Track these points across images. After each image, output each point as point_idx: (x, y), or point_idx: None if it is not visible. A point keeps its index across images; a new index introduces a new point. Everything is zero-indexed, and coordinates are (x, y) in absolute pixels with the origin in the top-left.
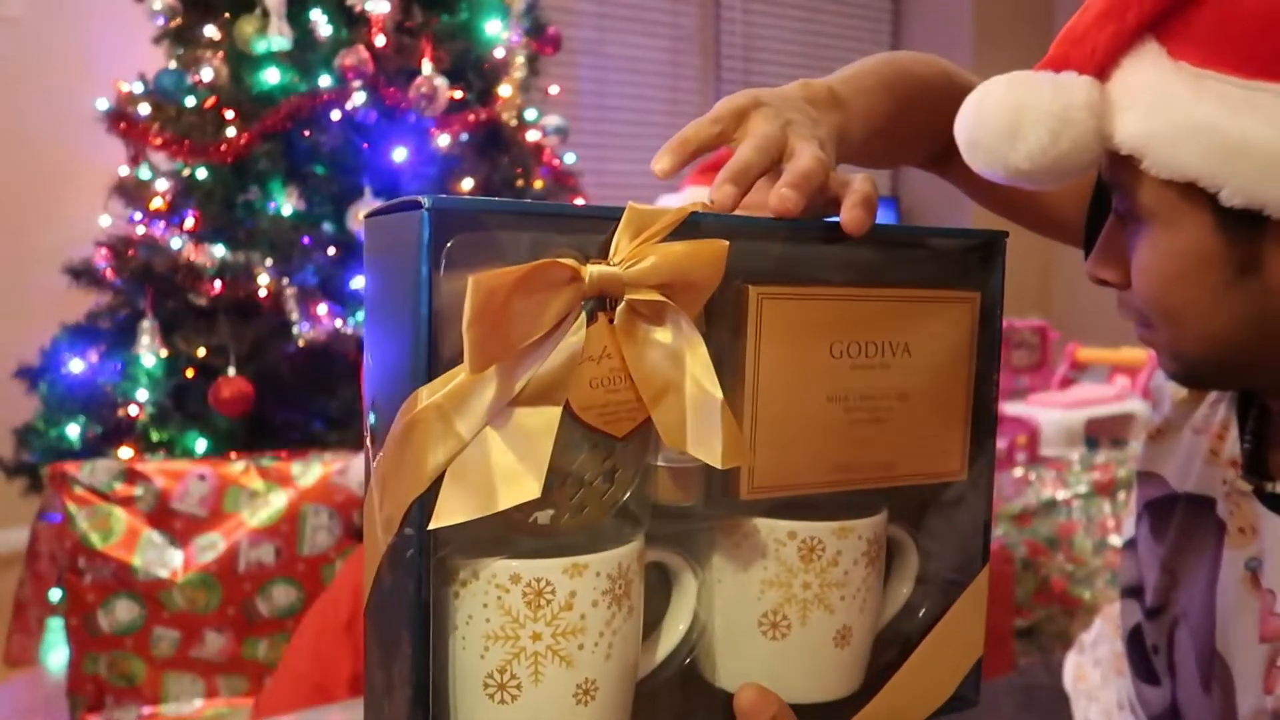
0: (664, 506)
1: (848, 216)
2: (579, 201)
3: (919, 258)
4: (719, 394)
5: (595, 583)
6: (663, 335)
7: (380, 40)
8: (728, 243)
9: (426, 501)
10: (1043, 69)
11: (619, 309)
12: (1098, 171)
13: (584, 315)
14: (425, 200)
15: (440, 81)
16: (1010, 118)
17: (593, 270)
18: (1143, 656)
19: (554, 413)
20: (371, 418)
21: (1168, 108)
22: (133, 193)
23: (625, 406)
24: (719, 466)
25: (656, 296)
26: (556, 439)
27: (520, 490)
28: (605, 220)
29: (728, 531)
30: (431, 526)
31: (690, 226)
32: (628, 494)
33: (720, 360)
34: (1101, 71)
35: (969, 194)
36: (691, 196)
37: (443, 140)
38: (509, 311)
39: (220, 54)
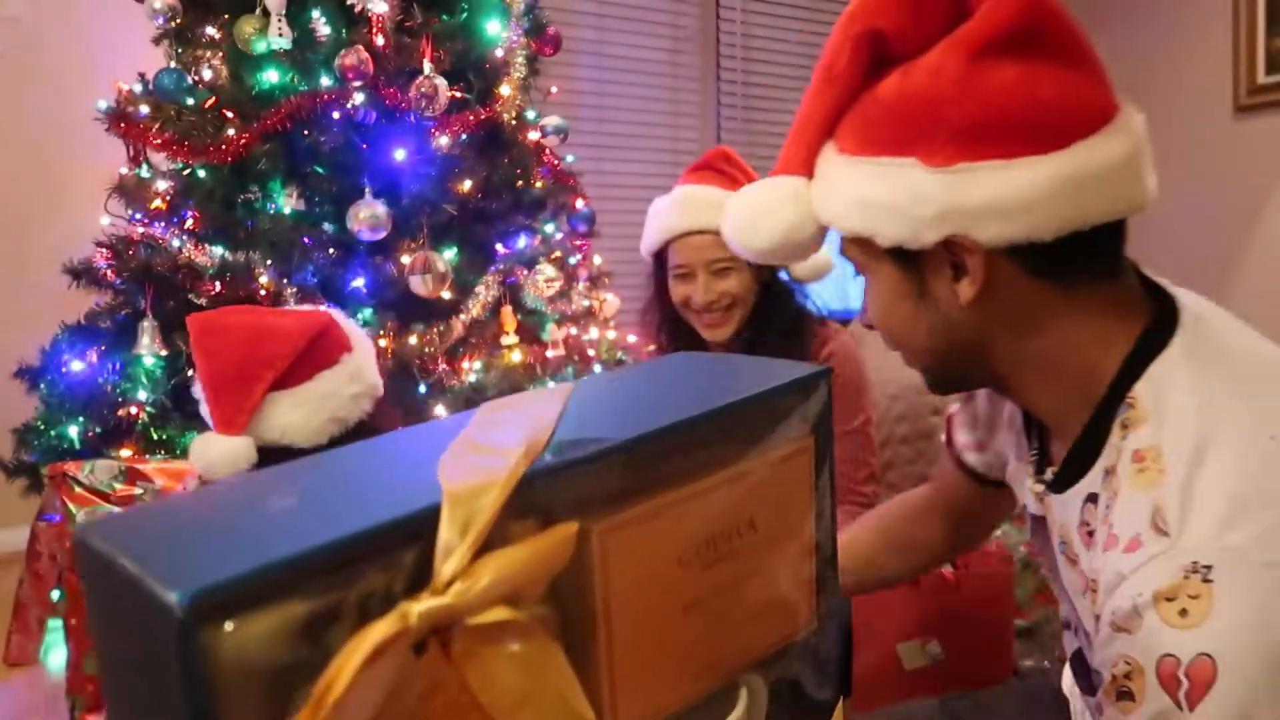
0: None
1: None
2: (579, 202)
3: (747, 420)
4: (586, 710)
5: None
6: (513, 646)
7: (380, 40)
8: (575, 526)
9: None
10: (772, 175)
11: (455, 636)
12: None
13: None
14: (174, 596)
15: (440, 81)
16: (745, 215)
17: (417, 611)
18: (1086, 677)
19: None
20: None
21: (837, 187)
22: (133, 193)
23: None
24: None
25: (503, 615)
26: None
27: None
28: (424, 518)
29: None
30: None
31: (525, 487)
32: None
33: (567, 604)
34: (807, 172)
35: None
36: (686, 196)
37: (443, 140)
38: (343, 711)
39: (220, 54)
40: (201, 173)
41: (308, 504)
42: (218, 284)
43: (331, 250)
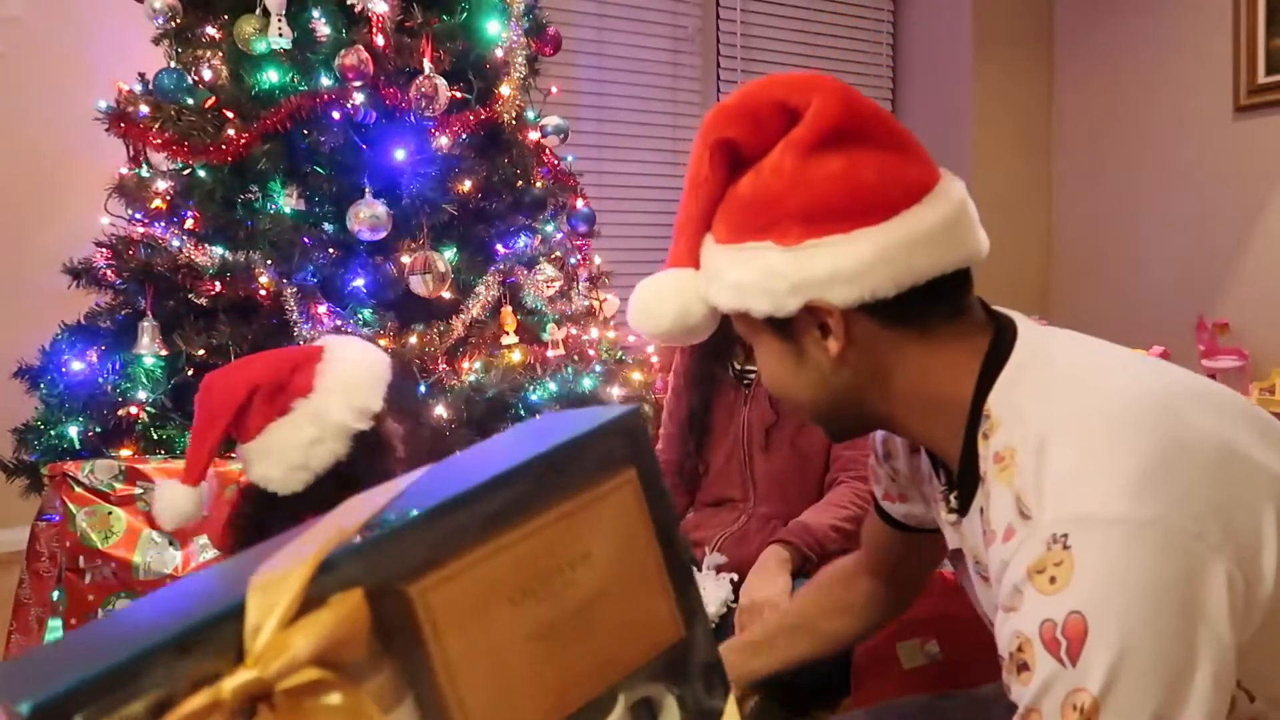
0: None
1: None
2: (579, 202)
3: (561, 466)
4: None
5: None
6: (332, 699)
7: (380, 40)
8: (359, 591)
9: None
10: (666, 268)
11: (277, 700)
12: None
13: None
14: (24, 707)
15: (440, 81)
16: (641, 304)
17: (232, 686)
18: None
19: None
20: None
21: (717, 272)
22: (133, 193)
23: None
24: None
25: (314, 675)
26: None
27: None
28: (228, 617)
29: None
30: None
31: (327, 569)
32: None
33: (409, 658)
34: (694, 263)
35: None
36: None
37: (443, 140)
38: None
39: (220, 54)
40: (201, 173)
41: (152, 616)
42: (218, 284)
43: (331, 250)
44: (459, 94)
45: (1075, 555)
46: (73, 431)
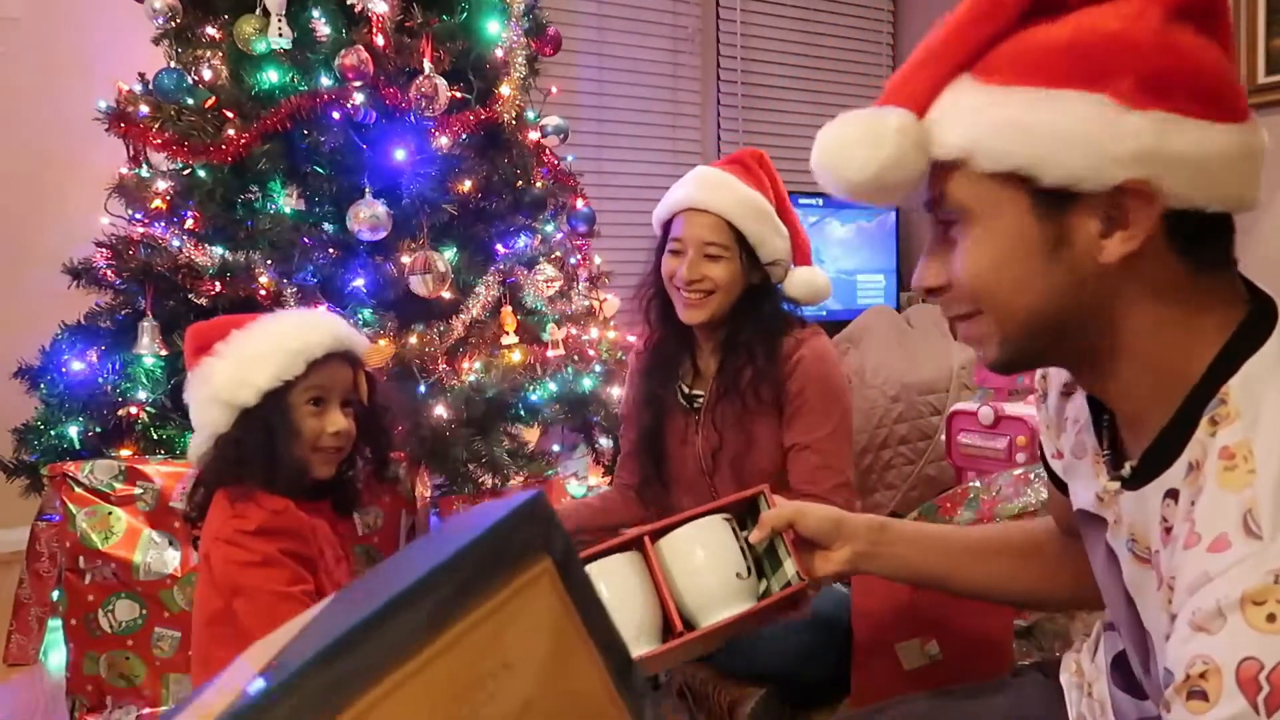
0: None
1: None
2: (579, 202)
3: (473, 566)
4: None
5: None
6: None
7: (380, 40)
8: None
9: None
10: (879, 105)
11: None
12: None
13: None
14: None
15: (440, 81)
16: (838, 144)
17: None
18: (1130, 678)
19: None
20: None
21: (988, 115)
22: (133, 193)
23: None
24: None
25: None
26: None
27: None
28: None
29: None
30: None
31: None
32: None
33: None
34: (919, 106)
35: None
36: (702, 173)
37: (443, 140)
38: None
39: (220, 54)
40: (201, 173)
41: None
42: (218, 284)
43: (331, 250)
44: (459, 94)
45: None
46: (73, 432)
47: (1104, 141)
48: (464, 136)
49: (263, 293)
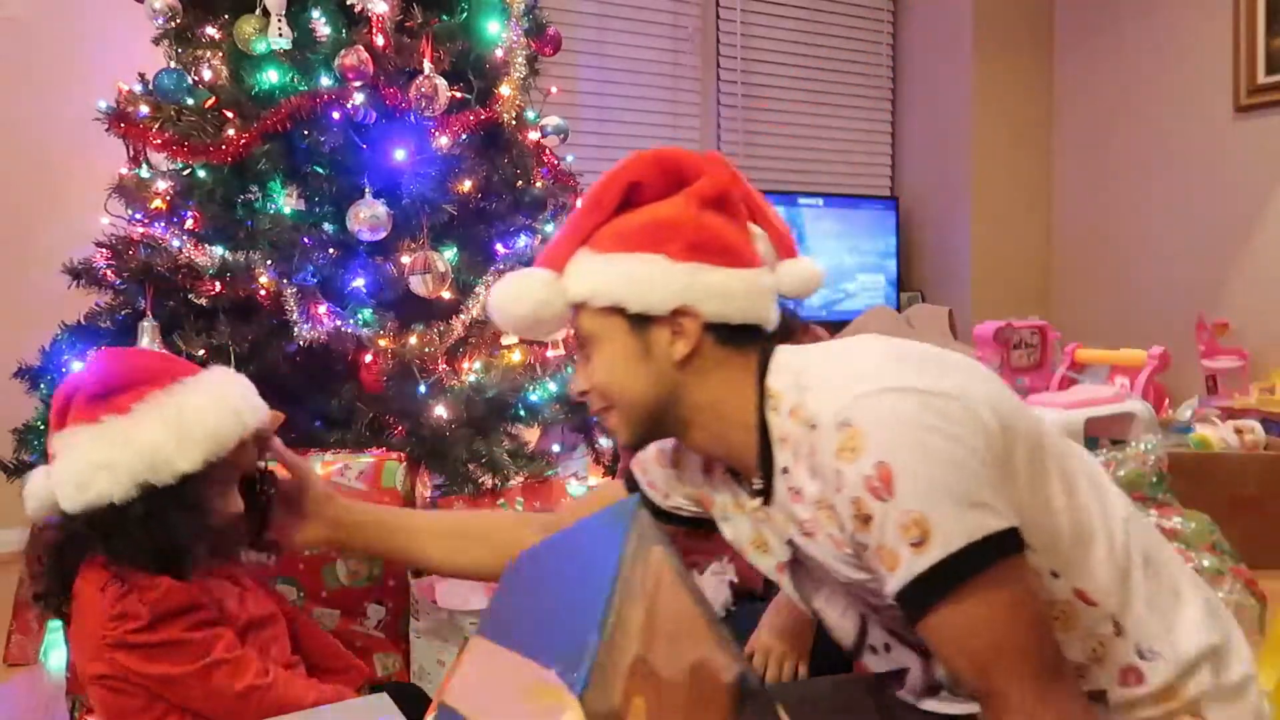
0: None
1: None
2: (579, 203)
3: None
4: None
5: None
6: None
7: (380, 40)
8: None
9: None
10: (536, 266)
11: None
12: None
13: None
14: None
15: (440, 81)
16: (505, 293)
17: None
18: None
19: None
20: None
21: (597, 271)
22: (133, 193)
23: None
24: None
25: None
26: None
27: None
28: None
29: None
30: None
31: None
32: None
33: None
34: (558, 266)
35: None
36: None
37: (443, 140)
38: None
39: (220, 54)
40: (201, 173)
41: None
42: (218, 284)
43: (331, 250)
44: (459, 94)
45: (858, 427)
46: None
47: (661, 281)
48: (464, 136)
49: (263, 293)
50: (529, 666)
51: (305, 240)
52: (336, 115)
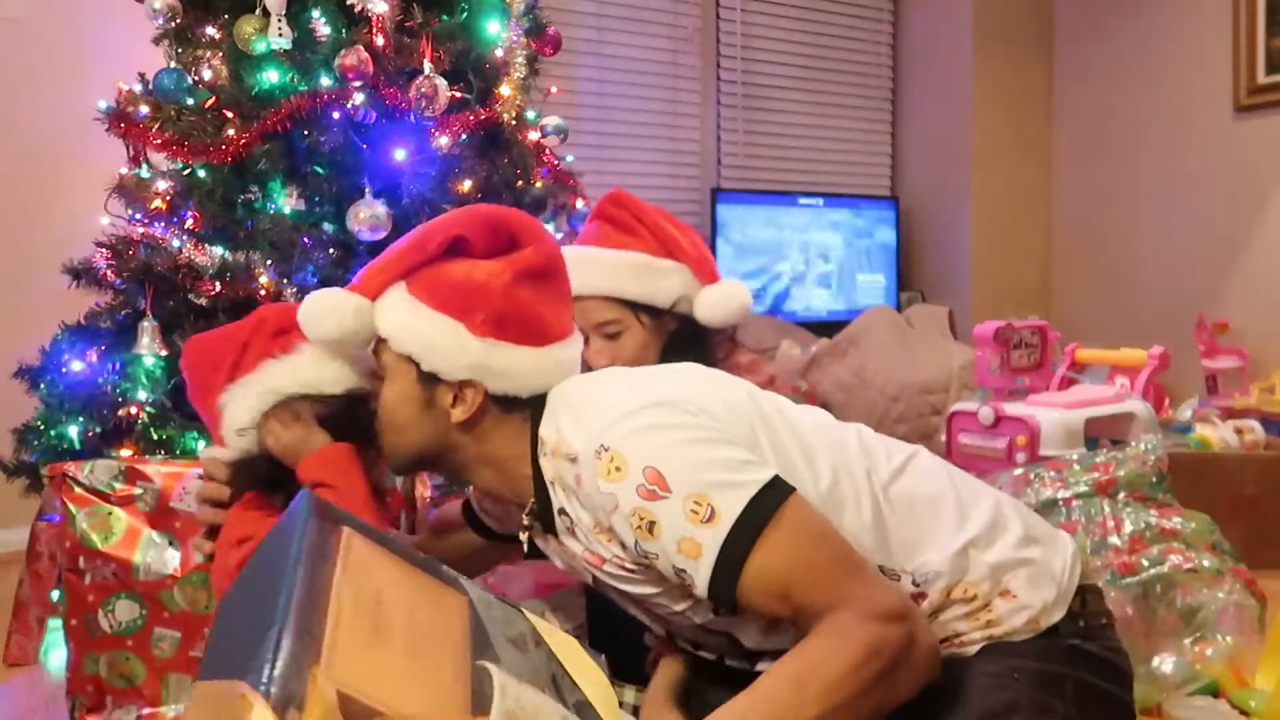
0: None
1: None
2: (579, 202)
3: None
4: None
5: None
6: None
7: (380, 40)
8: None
9: None
10: (350, 289)
11: None
12: None
13: None
14: None
15: (440, 81)
16: (316, 311)
17: None
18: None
19: None
20: None
21: (403, 316)
22: (133, 193)
23: None
24: None
25: None
26: None
27: None
28: None
29: None
30: None
31: None
32: None
33: None
34: (374, 294)
35: None
36: (568, 259)
37: (443, 140)
38: None
39: (220, 54)
40: (201, 173)
41: None
42: (218, 284)
43: (331, 250)
44: (459, 94)
45: (616, 448)
46: (73, 432)
47: (455, 354)
48: (464, 136)
49: (263, 293)
50: (232, 687)
51: (305, 240)
52: (336, 115)
